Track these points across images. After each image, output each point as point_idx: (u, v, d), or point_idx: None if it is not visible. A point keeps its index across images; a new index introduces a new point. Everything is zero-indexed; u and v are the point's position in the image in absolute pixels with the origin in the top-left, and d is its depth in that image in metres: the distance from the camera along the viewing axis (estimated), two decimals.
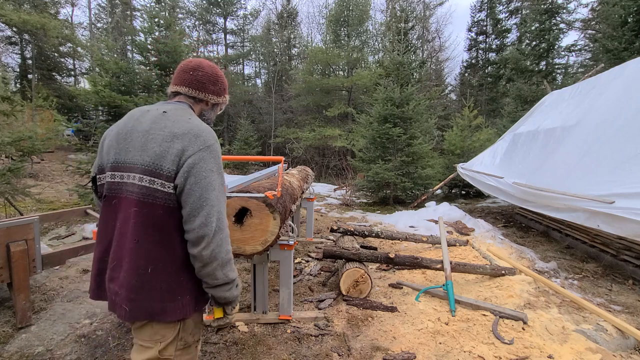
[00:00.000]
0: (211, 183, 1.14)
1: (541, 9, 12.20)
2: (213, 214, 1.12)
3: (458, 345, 2.39)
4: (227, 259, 1.18)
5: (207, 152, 1.15)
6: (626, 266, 3.81)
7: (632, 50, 8.46)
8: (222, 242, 1.15)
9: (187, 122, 1.20)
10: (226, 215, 1.22)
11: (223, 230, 1.16)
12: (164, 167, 1.12)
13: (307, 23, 44.07)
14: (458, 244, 4.61)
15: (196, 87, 1.34)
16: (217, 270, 1.15)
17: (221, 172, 1.19)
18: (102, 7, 21.97)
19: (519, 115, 9.08)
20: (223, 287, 1.20)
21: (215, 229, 1.12)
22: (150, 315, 1.15)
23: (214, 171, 1.16)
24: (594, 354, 2.25)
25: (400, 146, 8.63)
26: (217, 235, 1.13)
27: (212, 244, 1.12)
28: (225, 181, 2.25)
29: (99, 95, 5.52)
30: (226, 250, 1.17)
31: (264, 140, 20.55)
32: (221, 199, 1.17)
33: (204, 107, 1.40)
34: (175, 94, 1.35)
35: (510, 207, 7.57)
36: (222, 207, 1.17)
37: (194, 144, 1.14)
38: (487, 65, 22.90)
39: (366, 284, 3.12)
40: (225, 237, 1.16)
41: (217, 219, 1.13)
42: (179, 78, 1.34)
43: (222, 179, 1.19)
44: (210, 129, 1.24)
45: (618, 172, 3.32)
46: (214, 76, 1.38)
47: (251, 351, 2.34)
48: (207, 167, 1.14)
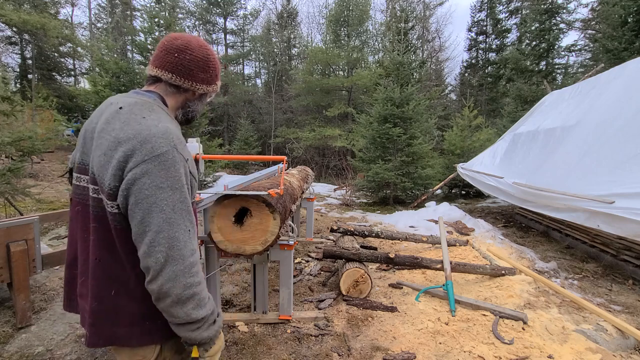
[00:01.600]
0: (156, 203, 0.89)
1: (541, 9, 12.20)
2: (158, 243, 0.89)
3: (458, 345, 2.39)
4: (188, 295, 0.92)
5: (153, 163, 0.90)
6: (626, 266, 3.81)
7: (632, 50, 8.45)
8: (177, 275, 0.90)
9: (138, 122, 0.94)
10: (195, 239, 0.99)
11: (177, 261, 0.90)
12: (105, 182, 0.93)
13: (307, 23, 44.11)
14: (458, 244, 4.61)
15: (182, 73, 1.08)
16: (172, 308, 0.92)
17: (177, 187, 0.93)
18: (102, 7, 21.98)
19: (519, 115, 9.08)
20: (185, 327, 0.95)
21: (164, 261, 0.89)
22: (112, 341, 1.01)
23: (163, 188, 0.90)
24: (594, 354, 2.25)
25: (400, 146, 8.63)
26: (168, 268, 0.89)
27: (160, 277, 0.89)
28: (225, 181, 2.25)
29: (99, 95, 5.53)
30: (185, 284, 0.91)
31: (264, 140, 20.55)
32: (175, 221, 0.91)
33: (189, 97, 1.15)
34: (154, 80, 1.11)
35: (510, 207, 7.57)
36: (176, 232, 0.91)
37: (138, 152, 0.90)
38: (487, 65, 22.90)
39: (366, 284, 3.12)
40: (183, 269, 0.91)
41: (168, 247, 0.89)
42: (161, 59, 1.08)
43: (181, 195, 0.94)
44: (168, 131, 0.96)
45: (618, 172, 3.32)
46: (205, 60, 1.12)
47: (251, 351, 2.34)
48: (152, 183, 0.89)
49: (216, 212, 2.11)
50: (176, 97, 1.13)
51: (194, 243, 0.96)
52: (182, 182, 0.94)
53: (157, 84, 1.11)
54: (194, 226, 0.99)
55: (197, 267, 0.95)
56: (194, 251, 0.95)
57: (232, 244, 2.14)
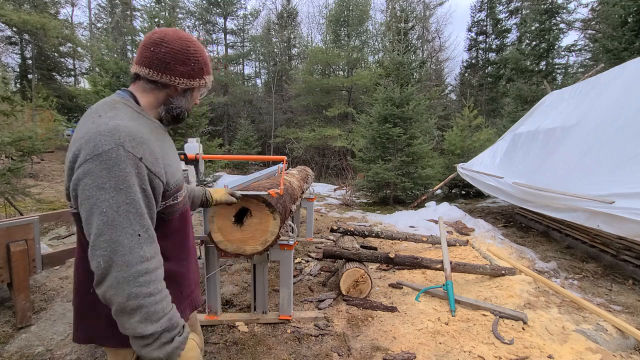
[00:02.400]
0: (97, 204, 0.84)
1: (541, 9, 12.21)
2: (98, 246, 0.84)
3: (458, 345, 2.39)
4: (132, 307, 0.84)
5: (94, 162, 0.85)
6: (626, 266, 3.81)
7: (632, 50, 8.46)
8: (120, 283, 0.83)
9: (91, 122, 0.91)
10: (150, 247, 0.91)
11: (120, 267, 0.84)
12: (66, 183, 0.93)
13: (307, 23, 44.11)
14: (458, 244, 4.61)
15: (158, 68, 1.02)
16: (118, 317, 0.86)
17: (123, 187, 0.86)
18: (102, 7, 21.98)
19: (519, 115, 9.09)
20: (134, 341, 0.87)
21: (105, 266, 0.83)
22: (91, 338, 1.01)
23: (105, 188, 0.85)
24: (594, 354, 2.25)
25: (400, 146, 8.63)
26: (112, 274, 0.83)
27: (104, 283, 0.84)
28: (225, 181, 2.25)
29: (99, 95, 5.54)
30: (129, 294, 0.83)
31: (264, 140, 20.56)
32: (119, 224, 0.85)
33: (171, 93, 1.09)
34: (135, 78, 1.08)
35: (510, 207, 7.57)
36: (120, 236, 0.85)
37: (82, 152, 0.87)
38: (487, 65, 22.91)
39: (366, 284, 3.12)
40: (127, 277, 0.84)
41: (111, 251, 0.83)
42: (139, 55, 1.05)
43: (127, 196, 0.87)
44: (117, 128, 0.89)
45: (618, 172, 3.32)
46: (184, 52, 1.04)
47: (251, 351, 2.34)
48: (92, 183, 0.85)
49: (216, 212, 2.11)
50: (155, 93, 1.07)
51: (145, 250, 0.88)
52: (128, 182, 0.87)
53: (136, 82, 1.07)
54: (148, 230, 0.91)
55: (148, 276, 0.87)
56: (144, 259, 0.87)
57: (232, 244, 2.14)
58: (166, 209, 1.06)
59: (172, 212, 1.09)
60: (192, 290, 1.26)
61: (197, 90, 1.15)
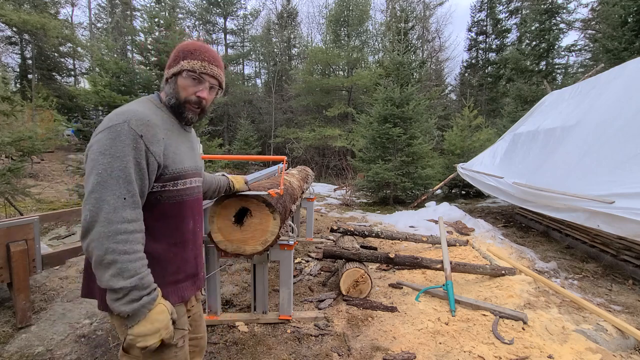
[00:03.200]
0: (95, 166, 0.98)
1: (541, 9, 12.20)
2: (88, 201, 0.96)
3: (458, 345, 2.39)
4: (108, 261, 0.95)
5: (105, 133, 1.01)
6: (626, 266, 3.81)
7: (632, 50, 8.45)
8: (100, 237, 0.94)
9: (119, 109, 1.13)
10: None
11: (102, 223, 0.95)
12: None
13: (307, 23, 44.08)
14: (458, 244, 4.61)
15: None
16: (96, 270, 0.97)
17: (119, 155, 0.99)
18: (102, 7, 21.96)
19: (519, 115, 9.09)
20: (107, 294, 0.98)
21: (90, 220, 0.95)
22: (87, 294, 1.16)
23: (104, 154, 0.99)
24: (594, 354, 2.25)
25: (400, 146, 8.63)
26: (95, 228, 0.95)
27: (88, 237, 0.96)
28: None
29: (99, 95, 5.53)
30: (107, 249, 0.94)
31: (264, 140, 20.55)
32: (109, 185, 0.97)
33: (165, 86, 1.27)
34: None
35: (510, 207, 7.57)
36: (107, 196, 0.96)
37: (100, 126, 1.05)
38: (487, 65, 22.90)
39: (366, 284, 3.12)
40: (107, 232, 0.95)
41: (97, 207, 0.95)
42: None
43: (121, 163, 1.00)
44: (129, 110, 1.07)
45: (618, 172, 3.32)
46: (174, 51, 1.27)
47: (251, 351, 2.34)
48: (97, 149, 1.00)
49: (216, 212, 2.11)
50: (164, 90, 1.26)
51: (128, 213, 0.99)
52: (125, 152, 1.01)
53: None
54: (134, 196, 1.02)
55: (126, 236, 0.97)
56: (125, 220, 0.98)
57: (232, 244, 2.14)
58: (163, 192, 1.16)
59: (170, 197, 1.18)
60: (180, 280, 1.25)
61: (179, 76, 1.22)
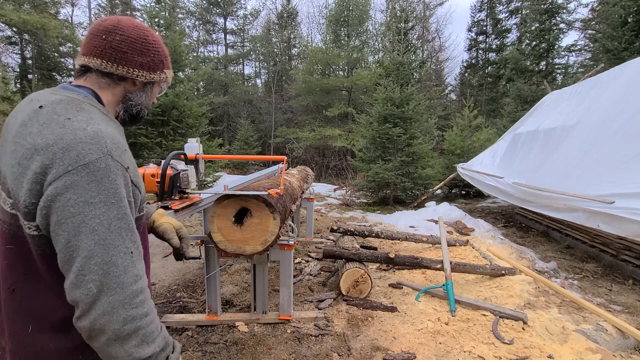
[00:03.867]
0: (86, 222, 0.74)
1: (541, 9, 12.21)
2: (89, 270, 0.73)
3: (458, 345, 2.39)
4: (129, 331, 0.76)
5: (80, 174, 0.74)
6: (626, 266, 3.81)
7: (632, 50, 8.45)
8: (115, 308, 0.75)
9: (60, 125, 0.78)
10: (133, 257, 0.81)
11: (115, 290, 0.75)
12: (21, 199, 0.77)
13: (307, 23, 44.04)
14: (458, 244, 4.61)
15: (112, 58, 0.91)
16: (109, 347, 0.76)
17: (114, 201, 0.78)
18: (102, 7, 21.98)
19: (519, 115, 9.09)
20: None
21: (97, 292, 0.74)
22: None
23: (94, 203, 0.75)
24: (594, 354, 2.25)
25: (400, 146, 8.63)
26: (103, 299, 0.74)
27: (93, 312, 0.73)
28: (225, 181, 2.25)
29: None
30: (125, 318, 0.75)
31: (264, 140, 20.58)
32: (111, 243, 0.76)
33: (129, 87, 0.98)
34: (84, 71, 0.94)
35: (510, 207, 7.57)
36: (113, 256, 0.76)
37: (60, 162, 0.74)
38: (487, 65, 22.92)
39: (366, 284, 3.12)
40: (122, 300, 0.76)
41: (103, 274, 0.74)
42: (88, 45, 0.91)
43: (119, 210, 0.79)
44: (100, 134, 0.79)
45: (618, 172, 3.32)
46: (142, 42, 0.95)
47: (251, 351, 2.34)
48: (78, 198, 0.74)
49: (216, 212, 2.11)
50: (112, 89, 0.95)
51: (138, 267, 0.81)
52: (120, 195, 0.79)
53: (88, 76, 0.93)
54: (138, 247, 0.83)
55: (142, 296, 0.80)
56: (138, 277, 0.80)
57: (232, 244, 2.14)
58: (135, 221, 0.93)
59: (139, 226, 0.97)
60: None
61: (157, 85, 1.04)
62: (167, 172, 1.93)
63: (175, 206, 1.90)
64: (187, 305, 2.99)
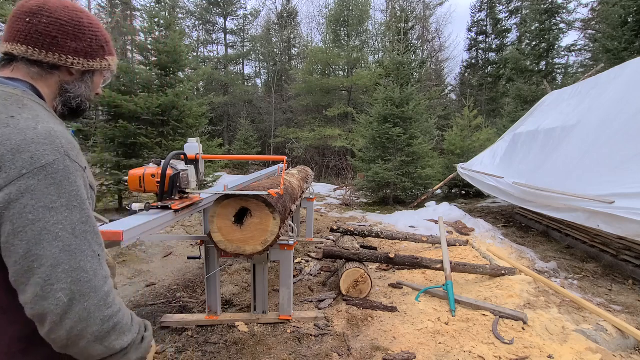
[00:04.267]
0: (47, 229, 0.68)
1: (541, 9, 12.21)
2: (57, 279, 0.68)
3: (458, 345, 2.39)
4: (108, 329, 0.74)
5: (37, 178, 0.68)
6: (626, 266, 3.81)
7: (632, 50, 8.45)
8: (91, 312, 0.72)
9: (4, 125, 0.70)
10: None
11: (89, 296, 0.71)
12: None
13: (307, 23, 44.06)
14: (458, 244, 4.61)
15: (39, 43, 0.80)
16: (90, 348, 0.73)
17: (77, 204, 0.73)
18: (102, 7, 21.95)
19: (519, 115, 9.09)
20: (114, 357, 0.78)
21: (68, 301, 0.69)
22: None
23: (55, 208, 0.70)
24: (594, 354, 2.25)
25: (400, 146, 8.63)
26: (77, 307, 0.70)
27: (67, 321, 0.69)
28: (225, 181, 2.25)
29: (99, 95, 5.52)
30: (103, 319, 0.73)
31: (264, 140, 20.58)
32: (78, 248, 0.72)
33: (64, 77, 0.86)
34: (8, 60, 0.82)
35: (510, 207, 7.57)
36: (81, 262, 0.72)
37: (10, 165, 0.67)
38: (487, 65, 22.92)
39: (366, 284, 3.12)
40: (97, 303, 0.73)
41: (72, 282, 0.70)
42: (10, 30, 0.80)
43: (82, 213, 0.74)
44: (53, 134, 0.73)
45: (618, 172, 3.32)
46: (75, 25, 0.83)
47: (251, 351, 2.34)
48: (37, 203, 0.68)
49: (216, 212, 2.11)
50: (45, 80, 0.84)
51: (105, 269, 0.77)
52: (82, 197, 0.74)
53: (15, 66, 0.81)
54: (104, 248, 0.80)
55: (113, 294, 0.77)
56: (107, 278, 0.77)
57: (232, 244, 2.14)
58: None
59: None
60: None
61: (99, 74, 0.94)
62: (167, 172, 1.93)
63: (175, 206, 1.90)
64: (187, 305, 2.99)
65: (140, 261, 3.99)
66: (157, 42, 6.36)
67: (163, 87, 6.37)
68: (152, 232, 1.74)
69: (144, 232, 1.65)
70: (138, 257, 4.07)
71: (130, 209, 1.88)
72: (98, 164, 5.77)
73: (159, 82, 6.44)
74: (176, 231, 5.16)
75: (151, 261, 4.03)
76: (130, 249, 4.20)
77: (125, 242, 1.47)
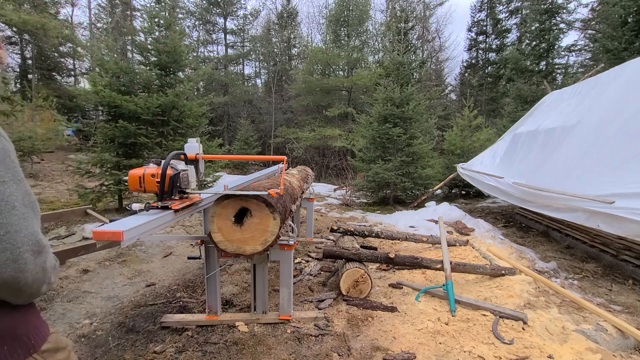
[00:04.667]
0: (4, 200, 0.78)
1: (541, 9, 12.22)
2: (21, 243, 0.80)
3: (458, 345, 2.39)
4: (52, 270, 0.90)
5: None
6: (626, 266, 3.81)
7: (632, 50, 8.45)
8: (51, 261, 0.90)
9: None
10: None
11: (47, 249, 0.88)
12: None
13: (307, 23, 44.06)
14: (458, 244, 4.61)
15: None
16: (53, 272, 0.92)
17: (20, 178, 0.84)
18: (102, 7, 21.96)
19: (519, 115, 9.09)
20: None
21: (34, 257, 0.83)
22: None
23: (5, 182, 0.79)
24: (594, 354, 2.25)
25: (400, 146, 8.63)
26: (41, 258, 0.86)
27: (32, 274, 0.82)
28: (225, 181, 2.25)
29: (99, 95, 5.52)
30: (52, 257, 0.91)
31: (264, 140, 20.58)
32: (29, 216, 0.83)
33: None
34: None
35: (510, 207, 7.57)
36: (33, 227, 0.84)
37: None
38: (487, 65, 22.93)
39: (366, 284, 3.12)
40: (48, 252, 0.89)
41: (32, 244, 0.82)
42: None
43: (26, 187, 0.85)
44: None
45: (618, 172, 3.32)
46: None
47: (251, 351, 2.34)
48: None
49: (216, 212, 2.11)
50: None
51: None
52: (21, 173, 0.85)
53: None
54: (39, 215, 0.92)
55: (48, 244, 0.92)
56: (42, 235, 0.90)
57: (232, 244, 2.14)
58: None
59: None
60: None
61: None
62: (167, 172, 1.93)
63: (175, 206, 1.90)
64: (187, 305, 2.99)
65: (140, 261, 3.99)
66: (157, 42, 6.36)
67: (163, 87, 6.37)
68: (152, 232, 1.74)
69: (144, 232, 1.65)
70: (138, 257, 4.07)
71: (130, 209, 1.88)
72: (98, 164, 5.76)
73: (159, 82, 6.44)
74: (176, 231, 5.16)
75: (151, 261, 4.03)
76: (130, 249, 4.20)
77: (125, 242, 1.48)
